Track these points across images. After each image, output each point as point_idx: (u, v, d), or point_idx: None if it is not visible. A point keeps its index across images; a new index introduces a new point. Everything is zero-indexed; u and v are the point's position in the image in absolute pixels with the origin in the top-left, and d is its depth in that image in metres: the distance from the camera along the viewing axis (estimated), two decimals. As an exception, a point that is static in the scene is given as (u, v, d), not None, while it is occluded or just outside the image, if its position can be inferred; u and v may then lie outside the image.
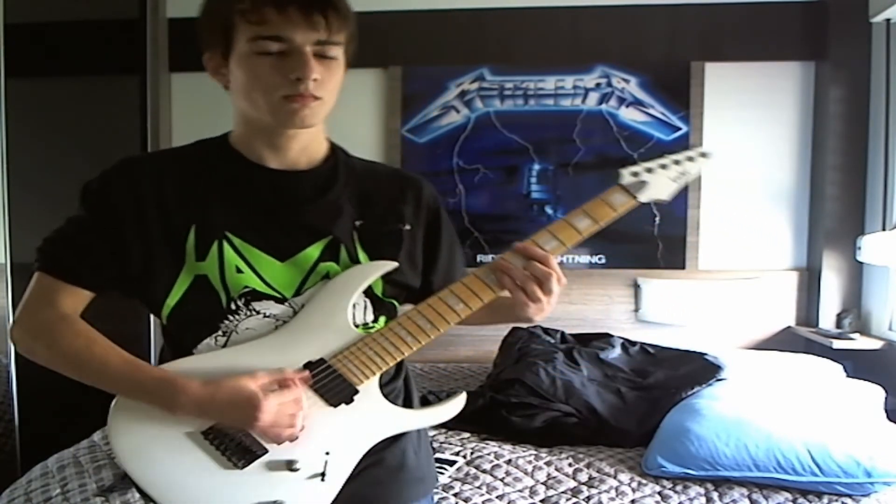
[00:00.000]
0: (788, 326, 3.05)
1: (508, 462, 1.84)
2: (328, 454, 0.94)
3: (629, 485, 1.71)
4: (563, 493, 1.68)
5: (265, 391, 0.90)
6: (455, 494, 1.66)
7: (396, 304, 1.10)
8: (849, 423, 1.83)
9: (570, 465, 1.83)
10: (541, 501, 1.66)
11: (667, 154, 1.14)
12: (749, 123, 3.07)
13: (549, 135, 3.10)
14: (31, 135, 2.82)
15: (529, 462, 1.84)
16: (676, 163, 1.13)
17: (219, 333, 0.99)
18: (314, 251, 1.02)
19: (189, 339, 1.00)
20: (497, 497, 1.66)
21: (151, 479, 0.91)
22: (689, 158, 1.14)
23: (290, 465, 0.91)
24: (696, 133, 3.05)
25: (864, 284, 2.95)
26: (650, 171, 1.10)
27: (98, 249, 0.98)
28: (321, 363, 0.97)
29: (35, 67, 2.88)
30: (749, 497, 1.66)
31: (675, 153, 1.15)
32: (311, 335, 0.99)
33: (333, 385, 0.96)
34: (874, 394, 2.24)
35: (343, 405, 0.96)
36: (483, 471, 1.79)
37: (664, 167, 1.11)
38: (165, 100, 3.13)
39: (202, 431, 0.92)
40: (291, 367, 0.96)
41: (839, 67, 2.91)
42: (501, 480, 1.74)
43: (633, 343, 2.62)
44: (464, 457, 1.87)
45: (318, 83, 0.94)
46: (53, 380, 1.02)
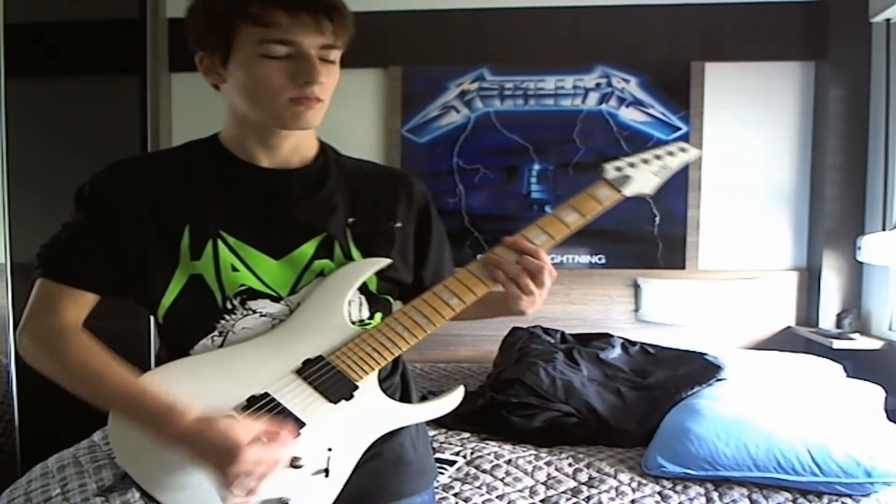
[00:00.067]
0: (788, 326, 3.05)
1: (508, 462, 1.84)
2: (330, 450, 0.94)
3: (629, 485, 1.71)
4: (563, 493, 1.68)
5: (252, 442, 0.85)
6: (455, 494, 1.66)
7: (391, 300, 1.11)
8: (849, 423, 1.83)
9: (570, 465, 1.83)
10: (541, 501, 1.66)
11: (649, 149, 1.16)
12: (749, 123, 3.07)
13: (549, 135, 3.10)
14: (31, 135, 2.82)
15: (529, 462, 1.84)
16: (658, 157, 1.15)
17: (215, 333, 0.99)
18: (309, 249, 1.02)
19: (185, 340, 1.00)
20: (497, 497, 1.66)
21: (152, 479, 0.91)
22: (670, 153, 1.16)
23: (294, 463, 0.91)
24: (696, 133, 3.04)
25: (864, 284, 2.95)
26: (633, 166, 1.12)
27: (97, 251, 0.98)
28: (320, 360, 0.98)
29: (35, 67, 2.88)
30: (749, 497, 1.66)
31: (657, 148, 1.17)
32: (308, 333, 0.99)
33: (333, 382, 0.96)
34: (874, 394, 2.24)
35: (343, 401, 0.96)
36: (483, 471, 1.79)
37: (646, 161, 1.14)
38: (165, 100, 3.13)
39: None
40: (290, 365, 0.96)
41: (839, 67, 2.91)
42: (501, 480, 1.74)
43: (633, 343, 2.62)
44: (464, 457, 1.87)
45: (322, 86, 0.96)
46: (54, 380, 1.02)
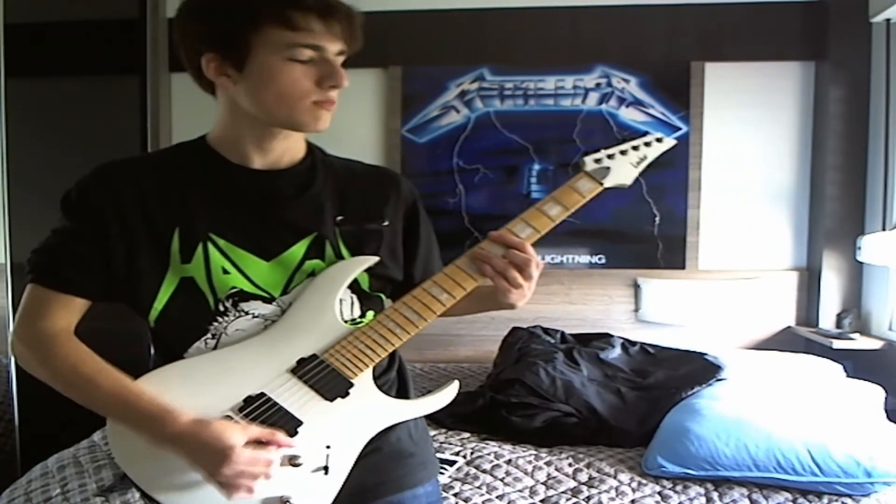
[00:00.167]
0: (788, 326, 3.05)
1: (508, 462, 1.84)
2: (329, 448, 0.95)
3: (629, 485, 1.71)
4: (563, 493, 1.68)
5: (245, 445, 0.87)
6: (455, 494, 1.66)
7: (383, 298, 1.12)
8: (849, 423, 1.83)
9: (570, 465, 1.83)
10: (541, 501, 1.66)
11: (627, 140, 1.17)
12: (749, 123, 3.06)
13: (549, 135, 3.10)
14: (31, 135, 2.82)
15: (529, 462, 1.84)
16: (635, 148, 1.16)
17: (208, 336, 1.00)
18: (299, 249, 1.03)
19: (178, 344, 1.00)
20: (497, 497, 1.66)
21: (152, 480, 0.91)
22: (647, 144, 1.18)
23: (293, 461, 0.92)
24: (696, 133, 3.04)
25: (864, 284, 2.95)
26: (612, 158, 1.14)
27: (87, 257, 0.98)
28: (314, 359, 0.98)
29: (35, 67, 2.88)
30: (749, 497, 1.66)
31: (634, 139, 1.18)
32: (301, 333, 1.00)
33: (328, 380, 0.97)
34: (874, 394, 2.24)
35: (339, 399, 0.97)
36: (483, 471, 1.79)
37: (624, 153, 1.15)
38: (165, 100, 3.12)
39: None
40: (284, 365, 0.97)
41: (839, 67, 2.91)
42: (501, 480, 1.74)
43: (633, 343, 2.62)
44: (464, 457, 1.87)
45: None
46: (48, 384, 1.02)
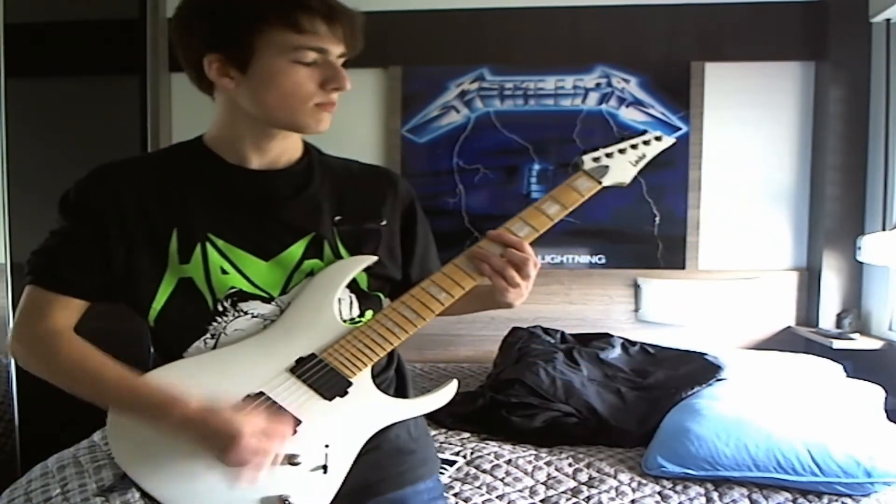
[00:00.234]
0: (788, 326, 3.05)
1: (508, 462, 1.84)
2: (328, 447, 0.95)
3: (629, 485, 1.71)
4: (563, 493, 1.68)
5: (251, 434, 0.87)
6: (455, 494, 1.66)
7: (381, 298, 1.12)
8: (849, 423, 1.83)
9: (570, 465, 1.83)
10: (541, 501, 1.66)
11: (625, 139, 1.17)
12: (749, 123, 3.06)
13: (549, 135, 3.10)
14: (31, 135, 2.82)
15: (529, 462, 1.84)
16: (634, 147, 1.17)
17: (207, 336, 1.00)
18: (298, 249, 1.03)
19: (178, 343, 1.00)
20: (497, 497, 1.66)
21: (152, 480, 0.91)
22: (646, 142, 1.18)
23: (292, 460, 0.92)
24: (696, 133, 3.04)
25: (864, 284, 2.95)
26: (610, 156, 1.14)
27: (85, 258, 0.99)
28: (313, 358, 0.98)
29: (35, 67, 2.88)
30: (749, 497, 1.65)
31: (633, 137, 1.18)
32: (300, 332, 1.00)
33: (327, 379, 0.97)
34: (874, 394, 2.24)
35: (338, 398, 0.97)
36: (483, 471, 1.79)
37: (623, 151, 1.15)
38: (165, 100, 3.12)
39: None
40: (283, 364, 0.97)
41: (839, 67, 2.91)
42: (501, 480, 1.74)
43: (633, 343, 2.62)
44: (464, 457, 1.87)
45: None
46: (50, 382, 1.02)
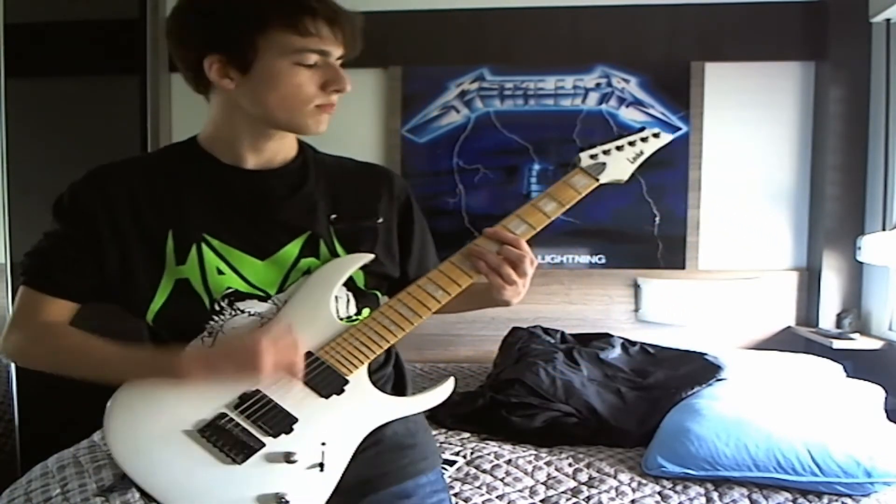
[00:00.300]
0: (788, 326, 3.05)
1: (508, 462, 1.84)
2: (324, 444, 0.95)
3: (629, 485, 1.71)
4: (563, 493, 1.68)
5: (269, 337, 0.93)
6: (455, 494, 1.66)
7: (379, 295, 1.12)
8: (849, 423, 1.83)
9: (570, 465, 1.83)
10: (541, 501, 1.66)
11: (623, 136, 1.18)
12: (749, 123, 3.06)
13: (549, 135, 3.09)
14: (31, 135, 2.82)
15: (529, 462, 1.84)
16: (632, 144, 1.17)
17: (205, 334, 1.01)
18: (294, 248, 1.04)
19: (176, 342, 1.01)
20: (497, 497, 1.66)
21: (150, 479, 0.91)
22: (644, 139, 1.18)
23: (288, 458, 0.92)
24: (696, 133, 3.04)
25: (864, 284, 2.95)
26: (607, 153, 1.14)
27: (78, 261, 1.00)
28: (309, 356, 0.98)
29: (35, 67, 2.89)
30: (749, 497, 1.65)
31: (630, 134, 1.18)
32: (297, 330, 1.00)
33: (324, 377, 0.97)
34: (874, 394, 2.24)
35: (334, 396, 0.97)
36: (483, 471, 1.79)
37: (620, 149, 1.15)
38: (165, 100, 3.12)
39: (198, 429, 0.92)
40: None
41: (839, 67, 2.91)
42: (501, 480, 1.74)
43: (633, 343, 2.62)
44: (464, 457, 1.87)
45: None
46: (53, 380, 1.03)
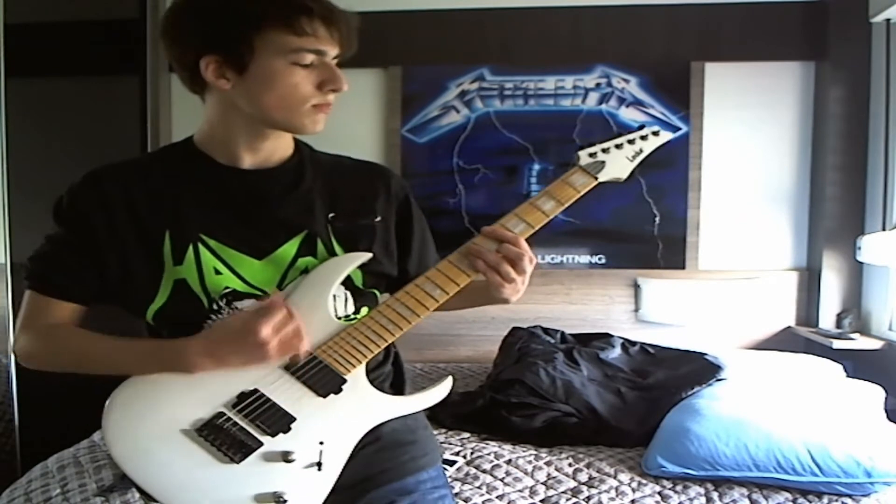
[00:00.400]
0: (788, 326, 3.05)
1: (508, 462, 1.84)
2: (322, 444, 0.95)
3: (629, 485, 1.71)
4: (563, 493, 1.68)
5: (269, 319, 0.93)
6: (455, 494, 1.66)
7: (377, 294, 1.12)
8: (849, 423, 1.83)
9: (570, 465, 1.83)
10: (541, 501, 1.66)
11: (622, 134, 1.18)
12: (749, 123, 3.06)
13: (549, 135, 3.10)
14: (31, 135, 2.82)
15: (529, 462, 1.84)
16: (631, 142, 1.17)
17: None
18: (291, 248, 1.04)
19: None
20: (497, 497, 1.66)
21: (149, 479, 0.91)
22: (643, 137, 1.18)
23: (286, 457, 0.92)
24: (696, 133, 3.04)
25: (864, 284, 2.95)
26: (606, 152, 1.14)
27: (79, 264, 1.01)
28: (307, 355, 0.99)
29: (35, 67, 2.88)
30: (749, 497, 1.65)
31: (630, 133, 1.18)
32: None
33: (321, 376, 0.98)
34: (874, 394, 2.23)
35: (332, 395, 0.97)
36: (483, 471, 1.79)
37: (619, 147, 1.16)
38: (165, 100, 3.12)
39: (197, 429, 0.92)
40: (280, 362, 0.98)
41: (839, 67, 2.91)
42: (501, 480, 1.74)
43: (633, 343, 2.62)
44: (464, 457, 1.87)
45: None
46: (53, 380, 1.04)
